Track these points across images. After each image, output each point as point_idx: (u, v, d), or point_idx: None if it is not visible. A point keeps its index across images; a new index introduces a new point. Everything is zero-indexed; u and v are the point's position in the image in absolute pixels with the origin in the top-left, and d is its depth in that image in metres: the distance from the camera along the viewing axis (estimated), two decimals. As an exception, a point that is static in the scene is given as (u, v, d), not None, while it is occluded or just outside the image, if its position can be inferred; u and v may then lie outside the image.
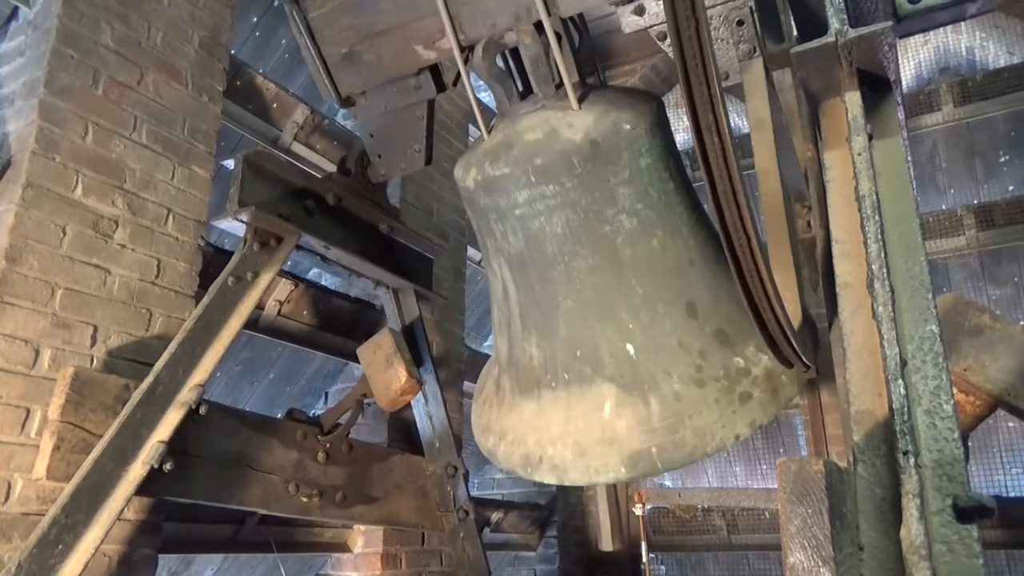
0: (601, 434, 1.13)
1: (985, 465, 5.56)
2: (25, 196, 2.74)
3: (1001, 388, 1.93)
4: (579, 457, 1.13)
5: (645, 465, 1.08)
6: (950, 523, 1.23)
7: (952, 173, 6.16)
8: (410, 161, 2.83)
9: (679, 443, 1.07)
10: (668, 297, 1.26)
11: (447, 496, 3.78)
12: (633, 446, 1.09)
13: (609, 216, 1.33)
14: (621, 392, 1.15)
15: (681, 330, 1.21)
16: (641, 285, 1.26)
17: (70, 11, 2.98)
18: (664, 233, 1.32)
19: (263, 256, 2.92)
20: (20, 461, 2.59)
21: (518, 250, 1.39)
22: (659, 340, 1.21)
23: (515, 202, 1.43)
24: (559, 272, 1.32)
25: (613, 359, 1.21)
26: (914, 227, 1.57)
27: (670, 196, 1.40)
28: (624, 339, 1.22)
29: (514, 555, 6.38)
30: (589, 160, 1.42)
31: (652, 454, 1.06)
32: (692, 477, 7.08)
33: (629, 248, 1.30)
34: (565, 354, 1.26)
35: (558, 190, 1.40)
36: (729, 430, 1.08)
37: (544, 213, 1.38)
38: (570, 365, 1.25)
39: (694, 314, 1.22)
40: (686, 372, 1.16)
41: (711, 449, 1.11)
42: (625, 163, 1.40)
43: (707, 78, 1.29)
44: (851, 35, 1.67)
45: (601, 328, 1.25)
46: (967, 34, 6.18)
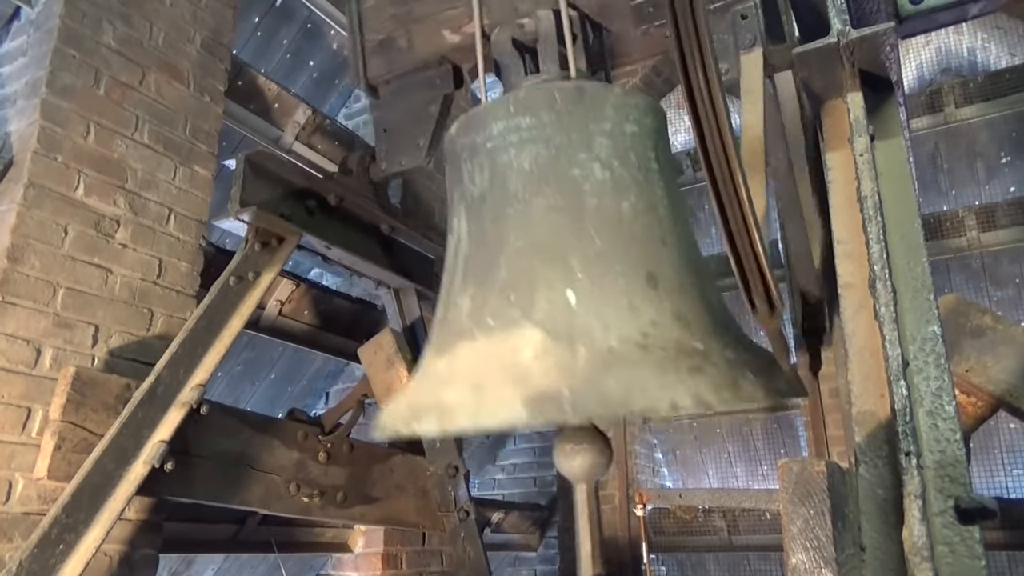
0: (506, 375, 0.96)
1: (987, 466, 5.56)
2: (27, 196, 2.74)
3: (1003, 389, 1.93)
4: (473, 396, 0.94)
5: (551, 408, 0.89)
6: (952, 524, 1.23)
7: (954, 174, 6.15)
8: (412, 156, 2.83)
9: (599, 391, 0.90)
10: (628, 259, 1.12)
11: (448, 496, 3.78)
12: (542, 386, 0.91)
13: (581, 160, 1.22)
14: (548, 338, 0.99)
15: (635, 295, 1.06)
16: (600, 238, 1.13)
17: (72, 11, 2.98)
18: (637, 200, 1.21)
19: (264, 256, 2.92)
20: (21, 461, 2.59)
21: (480, 191, 1.28)
22: (607, 296, 1.05)
23: (489, 135, 1.33)
24: (516, 210, 1.21)
25: (549, 304, 1.05)
26: (916, 228, 1.57)
27: (651, 174, 1.28)
28: (567, 285, 1.07)
29: (515, 555, 6.39)
30: (572, 100, 1.33)
31: (563, 396, 0.88)
32: (693, 478, 7.08)
33: (595, 198, 1.18)
34: (497, 299, 1.11)
35: (534, 123, 1.30)
36: (666, 392, 0.90)
37: (515, 146, 1.27)
38: (499, 311, 1.09)
39: (654, 285, 1.08)
40: (629, 332, 1.00)
41: (638, 407, 0.92)
42: (609, 116, 1.30)
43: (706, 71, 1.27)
44: (853, 36, 1.67)
45: (544, 271, 1.10)
46: (969, 35, 6.17)
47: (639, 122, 1.33)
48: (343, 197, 3.13)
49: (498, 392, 0.94)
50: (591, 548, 1.10)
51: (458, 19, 2.50)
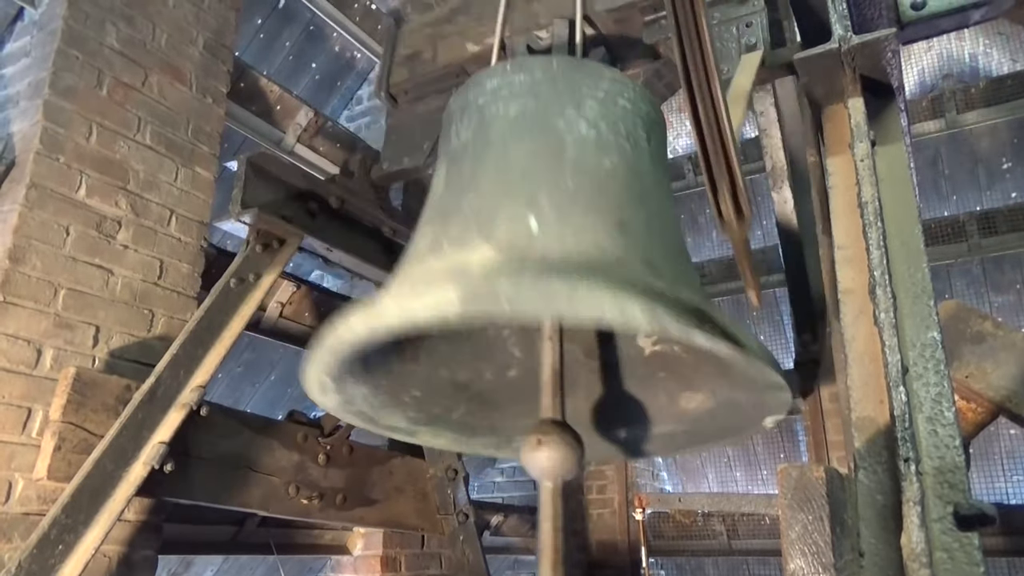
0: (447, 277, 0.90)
1: (986, 472, 5.55)
2: (29, 196, 2.75)
3: (1003, 395, 1.93)
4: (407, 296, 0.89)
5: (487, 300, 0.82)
6: (951, 530, 1.23)
7: (955, 180, 6.15)
8: (414, 157, 2.85)
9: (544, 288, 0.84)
10: (600, 205, 1.07)
11: (447, 499, 3.78)
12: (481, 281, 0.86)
13: (568, 115, 1.19)
14: (500, 253, 0.92)
15: (602, 235, 1.00)
16: (575, 183, 1.09)
17: (75, 12, 2.99)
18: (620, 162, 1.16)
19: (265, 258, 2.92)
20: (21, 461, 2.59)
21: (464, 142, 1.24)
22: (572, 230, 0.99)
23: (482, 91, 1.30)
24: (494, 154, 1.17)
25: (509, 228, 0.99)
26: (916, 233, 1.57)
27: (639, 150, 1.25)
28: (531, 213, 1.01)
29: (514, 559, 6.38)
30: (568, 67, 1.32)
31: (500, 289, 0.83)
32: (693, 482, 7.07)
33: (576, 150, 1.14)
34: (458, 229, 1.05)
35: (527, 79, 1.28)
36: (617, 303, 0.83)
37: (504, 99, 1.24)
38: (457, 237, 1.03)
39: (624, 232, 1.03)
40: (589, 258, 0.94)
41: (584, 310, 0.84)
42: (603, 87, 1.27)
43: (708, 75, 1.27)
44: (854, 41, 1.67)
45: (511, 202, 1.05)
46: (970, 41, 6.18)
47: (634, 103, 1.31)
48: (344, 199, 3.14)
49: (435, 290, 0.87)
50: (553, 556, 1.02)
51: (483, 34, 2.61)
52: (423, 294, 0.88)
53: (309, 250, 3.17)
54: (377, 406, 1.31)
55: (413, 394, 1.37)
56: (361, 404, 1.27)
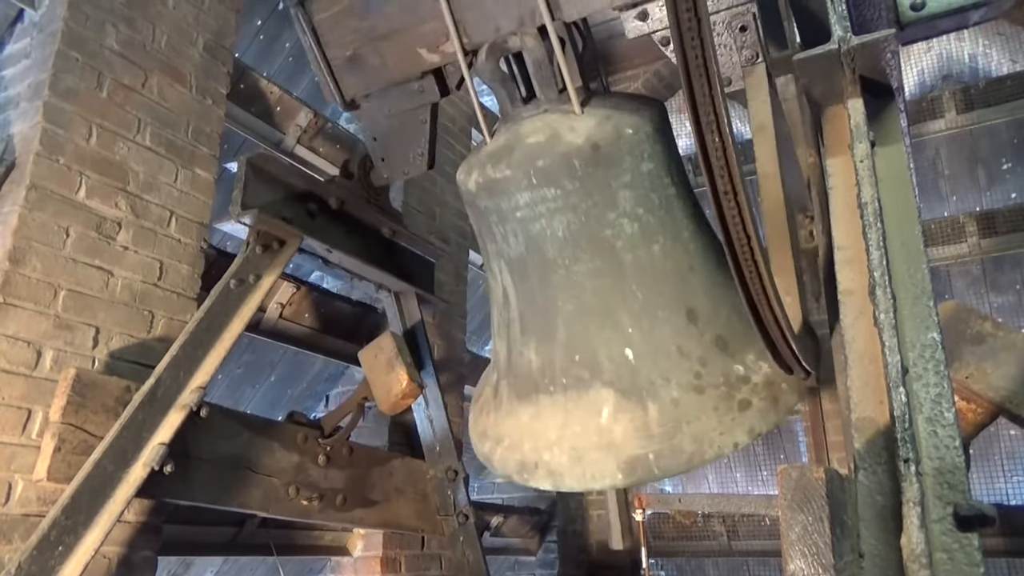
0: (598, 439, 1.12)
1: (986, 473, 5.55)
2: (29, 198, 2.75)
3: (1003, 396, 1.93)
4: (575, 463, 1.11)
5: (642, 471, 1.08)
6: (951, 531, 1.23)
7: (954, 180, 6.15)
8: (413, 165, 2.84)
9: (676, 449, 1.05)
10: (668, 303, 1.24)
11: (447, 500, 3.78)
12: (630, 452, 1.08)
13: (610, 220, 1.33)
14: (619, 397, 1.14)
15: (681, 336, 1.20)
16: (641, 290, 1.25)
17: (75, 14, 2.99)
18: (665, 238, 1.32)
19: (265, 259, 2.92)
20: (21, 462, 2.59)
21: (519, 253, 1.38)
22: (658, 346, 1.20)
23: (516, 204, 1.42)
24: (559, 276, 1.31)
25: (612, 364, 1.19)
26: (916, 234, 1.57)
27: (672, 201, 1.39)
28: (623, 344, 1.21)
29: (514, 560, 6.37)
30: (590, 163, 1.41)
31: (649, 460, 1.05)
32: (693, 483, 7.06)
33: (630, 253, 1.29)
34: (564, 359, 1.24)
35: (559, 193, 1.39)
36: (728, 438, 1.06)
37: (545, 216, 1.37)
38: (568, 370, 1.23)
39: (694, 320, 1.21)
40: (685, 379, 1.15)
41: (709, 456, 1.09)
42: (627, 167, 1.39)
43: (709, 81, 1.29)
44: (854, 42, 1.67)
45: (600, 333, 1.24)
46: (970, 41, 6.18)
47: (652, 153, 1.41)
48: (344, 200, 3.14)
49: (596, 461, 1.12)
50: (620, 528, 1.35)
51: (432, 36, 2.37)
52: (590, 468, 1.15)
53: (309, 251, 3.17)
54: None
55: None
56: None
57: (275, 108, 4.17)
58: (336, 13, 2.51)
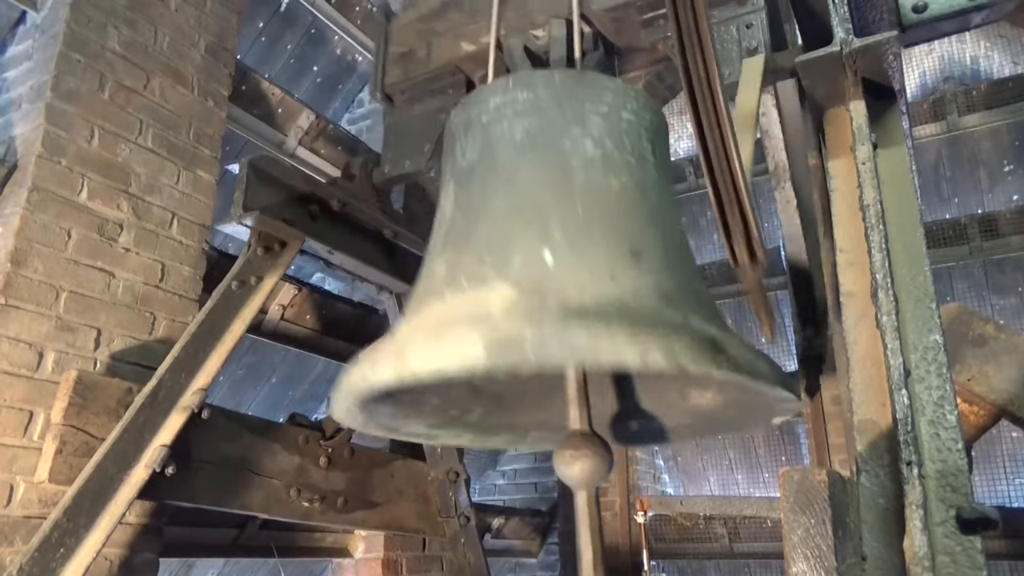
0: (470, 323, 0.90)
1: (989, 475, 5.54)
2: (31, 199, 2.75)
3: (1005, 398, 1.93)
4: (432, 343, 0.89)
5: (513, 351, 0.84)
6: (953, 534, 1.23)
7: (956, 182, 6.15)
8: (415, 160, 2.84)
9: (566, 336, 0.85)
10: (612, 231, 1.09)
11: (448, 502, 3.78)
12: (504, 329, 0.87)
13: (574, 134, 1.21)
14: (518, 292, 0.95)
15: (617, 265, 1.02)
16: (584, 207, 1.11)
17: (77, 16, 2.99)
18: (628, 181, 1.18)
19: (267, 260, 2.92)
20: (23, 464, 2.59)
21: (470, 163, 1.26)
22: (586, 261, 1.02)
23: (485, 108, 1.31)
24: (502, 177, 1.19)
25: (524, 264, 1.02)
26: (918, 236, 1.57)
27: (645, 164, 1.26)
28: (545, 245, 1.03)
29: (515, 561, 6.37)
30: (572, 80, 1.32)
31: (525, 339, 0.84)
32: (694, 485, 7.06)
33: (583, 173, 1.16)
34: (473, 261, 1.08)
35: (530, 96, 1.29)
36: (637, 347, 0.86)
37: (508, 118, 1.25)
38: (473, 271, 1.06)
39: (637, 259, 1.06)
40: (605, 295, 0.96)
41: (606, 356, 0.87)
42: (606, 101, 1.29)
43: (709, 78, 1.27)
44: (856, 44, 1.67)
45: (524, 234, 1.07)
46: (972, 44, 6.18)
47: (637, 114, 1.32)
48: (346, 202, 3.13)
49: (459, 336, 0.89)
50: (592, 556, 1.07)
51: (477, 32, 2.55)
52: (447, 342, 0.89)
53: (310, 253, 3.17)
54: (399, 417, 1.34)
55: (432, 403, 1.40)
56: (384, 419, 1.31)
57: (277, 110, 4.17)
58: (413, 19, 2.73)
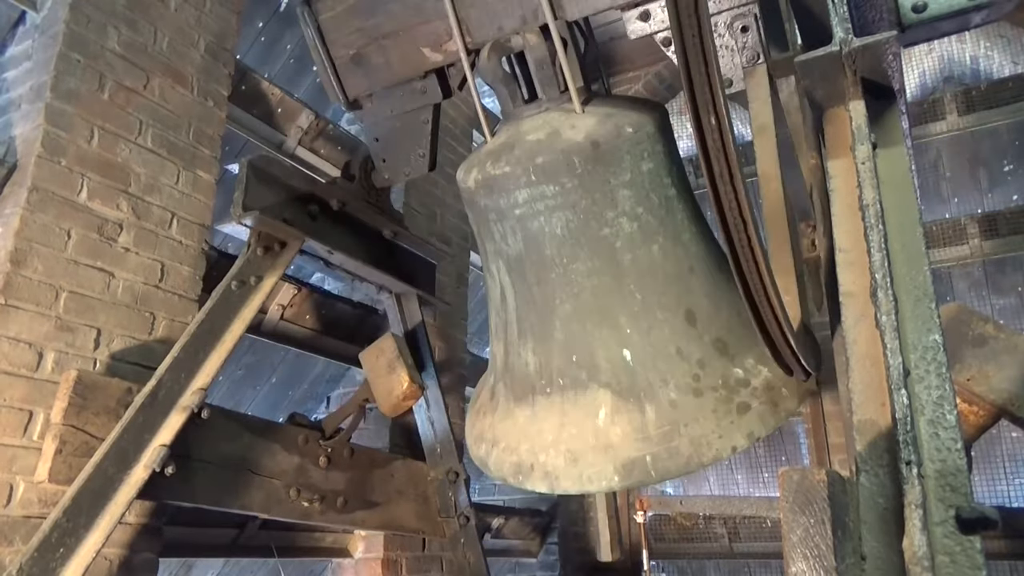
0: (595, 441, 1.11)
1: (988, 475, 5.54)
2: (31, 200, 2.75)
3: (1005, 398, 1.93)
4: (572, 464, 1.10)
5: (639, 474, 1.07)
6: (953, 534, 1.23)
7: (956, 182, 6.15)
8: (414, 166, 2.84)
9: (674, 452, 1.04)
10: (667, 304, 1.23)
11: (448, 502, 3.78)
12: (627, 454, 1.07)
13: (609, 219, 1.31)
14: (617, 399, 1.13)
15: (679, 338, 1.18)
16: (640, 291, 1.24)
17: (77, 16, 2.99)
18: (665, 239, 1.30)
19: (266, 260, 2.92)
20: (22, 464, 2.59)
21: (517, 252, 1.37)
22: (657, 347, 1.18)
23: (515, 202, 1.40)
24: (557, 275, 1.30)
25: (610, 365, 1.18)
26: (918, 236, 1.56)
27: (671, 202, 1.38)
28: (621, 345, 1.20)
29: (515, 561, 6.37)
30: (590, 161, 1.40)
31: (647, 463, 1.04)
32: (694, 485, 7.06)
33: (629, 252, 1.28)
34: (561, 359, 1.23)
35: (558, 190, 1.37)
36: (726, 441, 1.05)
37: (543, 213, 1.36)
38: (566, 371, 1.22)
39: (693, 322, 1.19)
40: (684, 381, 1.14)
41: (707, 460, 1.08)
42: (626, 166, 1.37)
43: (710, 82, 1.29)
44: (855, 44, 1.67)
45: (598, 333, 1.22)
46: (972, 43, 6.18)
47: (652, 152, 1.39)
48: (345, 202, 3.14)
49: (592, 463, 1.10)
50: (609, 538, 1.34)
51: (436, 35, 2.38)
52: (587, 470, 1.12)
53: (310, 252, 3.17)
54: None
55: None
56: None
57: (276, 110, 4.17)
58: (341, 12, 2.52)
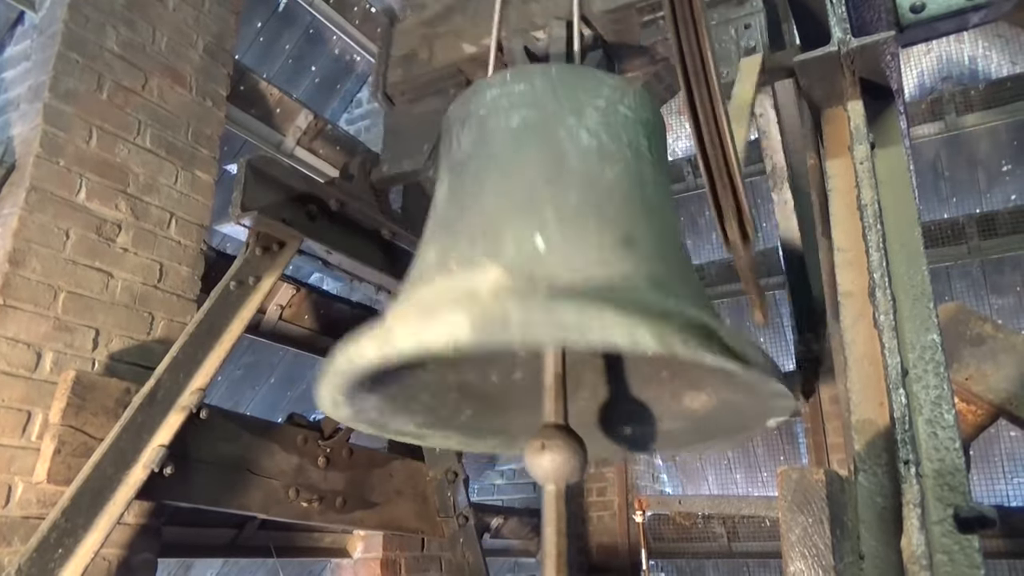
0: (458, 301, 0.89)
1: (987, 474, 5.55)
2: (29, 200, 2.75)
3: (1003, 397, 1.93)
4: (417, 320, 0.88)
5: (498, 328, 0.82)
6: (951, 533, 1.23)
7: (954, 182, 6.16)
8: (414, 159, 2.84)
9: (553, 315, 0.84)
10: (605, 219, 1.07)
11: (447, 501, 3.78)
12: (491, 307, 0.85)
13: (569, 124, 1.20)
14: (508, 274, 0.93)
15: (608, 252, 1.01)
16: (578, 194, 1.10)
17: (76, 16, 2.99)
18: (623, 172, 1.17)
19: (265, 261, 2.92)
20: (21, 464, 2.59)
21: (466, 152, 1.25)
22: (578, 247, 1.01)
23: (482, 101, 1.30)
24: (496, 165, 1.18)
25: (516, 248, 1.01)
26: (916, 236, 1.57)
27: (641, 158, 1.25)
28: (537, 230, 1.02)
29: (514, 561, 6.37)
30: (568, 73, 1.33)
31: (511, 316, 0.83)
32: (693, 485, 7.07)
33: (578, 161, 1.15)
34: (463, 246, 1.06)
35: (527, 88, 1.28)
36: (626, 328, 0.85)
37: (505, 110, 1.24)
38: (464, 256, 1.04)
39: (631, 246, 1.04)
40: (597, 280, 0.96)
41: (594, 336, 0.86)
42: (602, 95, 1.28)
43: (707, 79, 1.27)
44: (854, 44, 1.67)
45: (516, 219, 1.06)
46: (970, 44, 6.19)
47: (635, 110, 1.31)
48: (344, 202, 3.13)
49: (445, 314, 0.86)
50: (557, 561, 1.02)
51: (478, 34, 2.59)
52: (433, 319, 0.87)
53: (309, 253, 3.17)
54: (388, 413, 1.31)
55: (422, 400, 1.37)
56: (372, 413, 1.27)
57: (275, 110, 4.17)
58: (416, 23, 2.76)
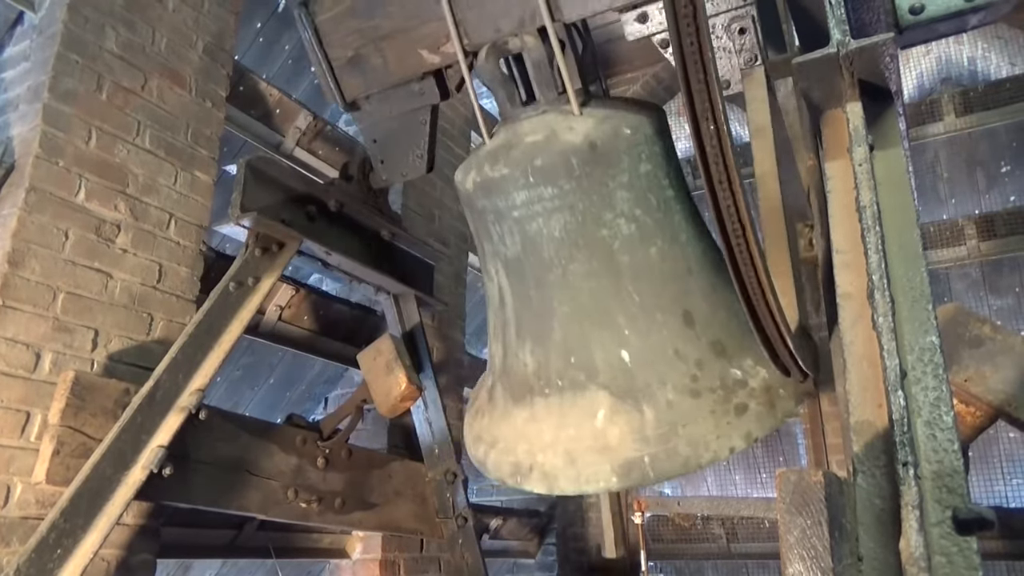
0: (593, 442, 1.12)
1: (985, 476, 5.54)
2: (28, 200, 2.75)
3: (1001, 399, 1.93)
4: (569, 465, 1.11)
5: (637, 475, 1.08)
6: (950, 535, 1.23)
7: (953, 183, 6.16)
8: (412, 167, 2.84)
9: (672, 453, 1.05)
10: (665, 305, 1.24)
11: (446, 502, 3.78)
12: (625, 455, 1.08)
13: (607, 220, 1.32)
14: (615, 400, 1.14)
15: (677, 339, 1.19)
16: (638, 292, 1.25)
17: (75, 16, 2.99)
18: (663, 241, 1.31)
19: (264, 261, 2.92)
20: (20, 465, 2.59)
21: (515, 253, 1.38)
22: (655, 348, 1.20)
23: (513, 203, 1.41)
24: (555, 276, 1.31)
25: (608, 366, 1.19)
26: (915, 237, 1.57)
27: (669, 204, 1.39)
28: (619, 346, 1.21)
29: (513, 562, 6.37)
30: (588, 163, 1.41)
31: (644, 463, 1.05)
32: (692, 486, 7.06)
33: (626, 254, 1.29)
34: (559, 361, 1.24)
35: (556, 192, 1.39)
36: (724, 441, 1.06)
37: (542, 215, 1.37)
38: (564, 372, 1.23)
39: (691, 323, 1.20)
40: (681, 382, 1.15)
41: (705, 460, 1.09)
42: (624, 167, 1.38)
43: (708, 84, 1.29)
44: (853, 46, 1.67)
45: (596, 335, 1.23)
46: (969, 45, 6.19)
47: (650, 154, 1.40)
48: (343, 203, 3.13)
49: (591, 464, 1.12)
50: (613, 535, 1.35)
51: (434, 37, 2.37)
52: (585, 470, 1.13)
53: (308, 253, 3.17)
54: None
55: None
56: None
57: (274, 110, 4.17)
58: (339, 13, 2.51)
